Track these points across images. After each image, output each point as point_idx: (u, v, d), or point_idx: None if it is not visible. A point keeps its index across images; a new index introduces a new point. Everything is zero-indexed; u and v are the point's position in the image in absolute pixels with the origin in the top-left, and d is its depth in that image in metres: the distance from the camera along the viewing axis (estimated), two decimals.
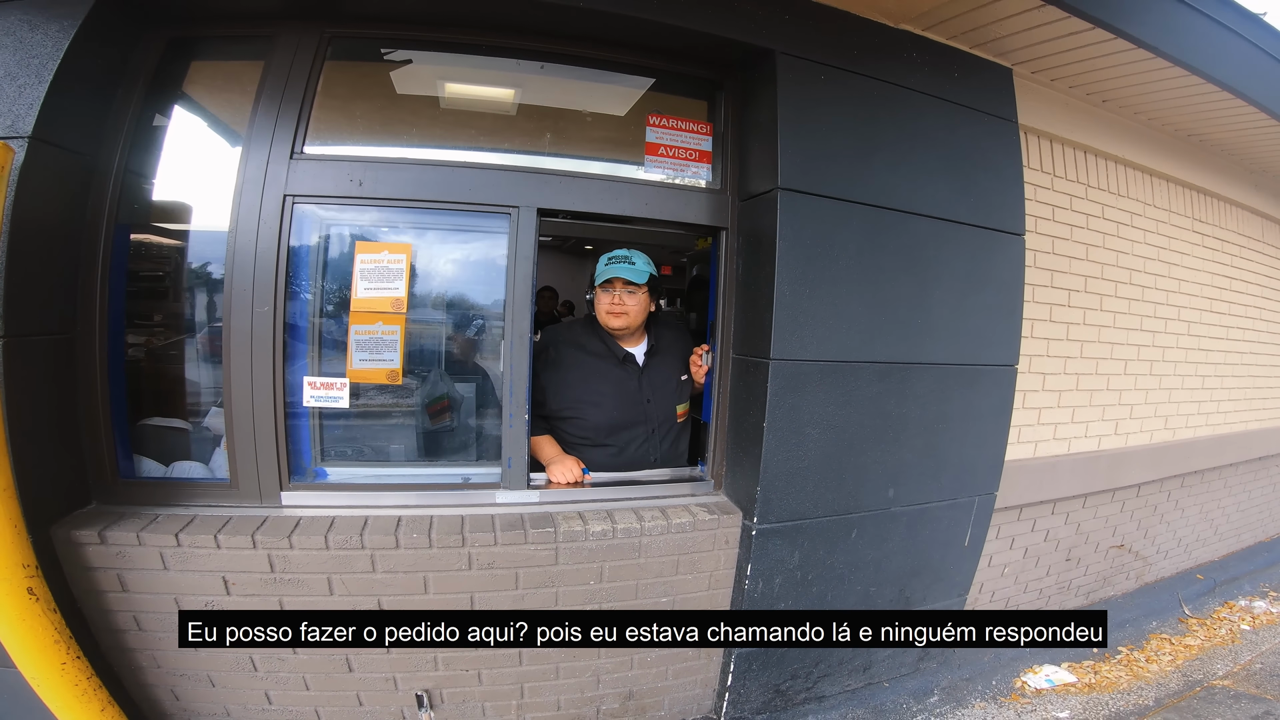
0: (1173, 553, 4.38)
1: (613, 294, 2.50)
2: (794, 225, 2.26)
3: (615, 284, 2.50)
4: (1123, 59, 2.66)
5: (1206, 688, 3.12)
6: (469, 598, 2.18)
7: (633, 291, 2.50)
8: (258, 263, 2.08)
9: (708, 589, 2.45)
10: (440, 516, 2.19)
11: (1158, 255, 3.67)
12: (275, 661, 2.12)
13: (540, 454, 2.51)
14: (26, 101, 1.76)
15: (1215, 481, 4.53)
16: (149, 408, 2.22)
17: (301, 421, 2.22)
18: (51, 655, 1.74)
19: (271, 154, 2.09)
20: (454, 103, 2.40)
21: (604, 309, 2.52)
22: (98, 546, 1.92)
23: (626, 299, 2.50)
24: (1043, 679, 3.13)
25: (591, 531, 2.23)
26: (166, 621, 2.02)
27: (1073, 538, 3.63)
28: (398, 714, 2.28)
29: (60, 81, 1.79)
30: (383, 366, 2.22)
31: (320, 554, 2.03)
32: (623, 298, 2.49)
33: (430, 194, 2.20)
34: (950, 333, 2.61)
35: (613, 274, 2.47)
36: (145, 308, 2.22)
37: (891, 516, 2.62)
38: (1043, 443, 3.30)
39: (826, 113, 2.32)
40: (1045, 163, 3.12)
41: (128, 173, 2.07)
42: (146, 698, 2.12)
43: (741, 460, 2.46)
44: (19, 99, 1.76)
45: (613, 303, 2.49)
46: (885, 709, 2.79)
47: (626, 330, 2.55)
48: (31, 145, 1.74)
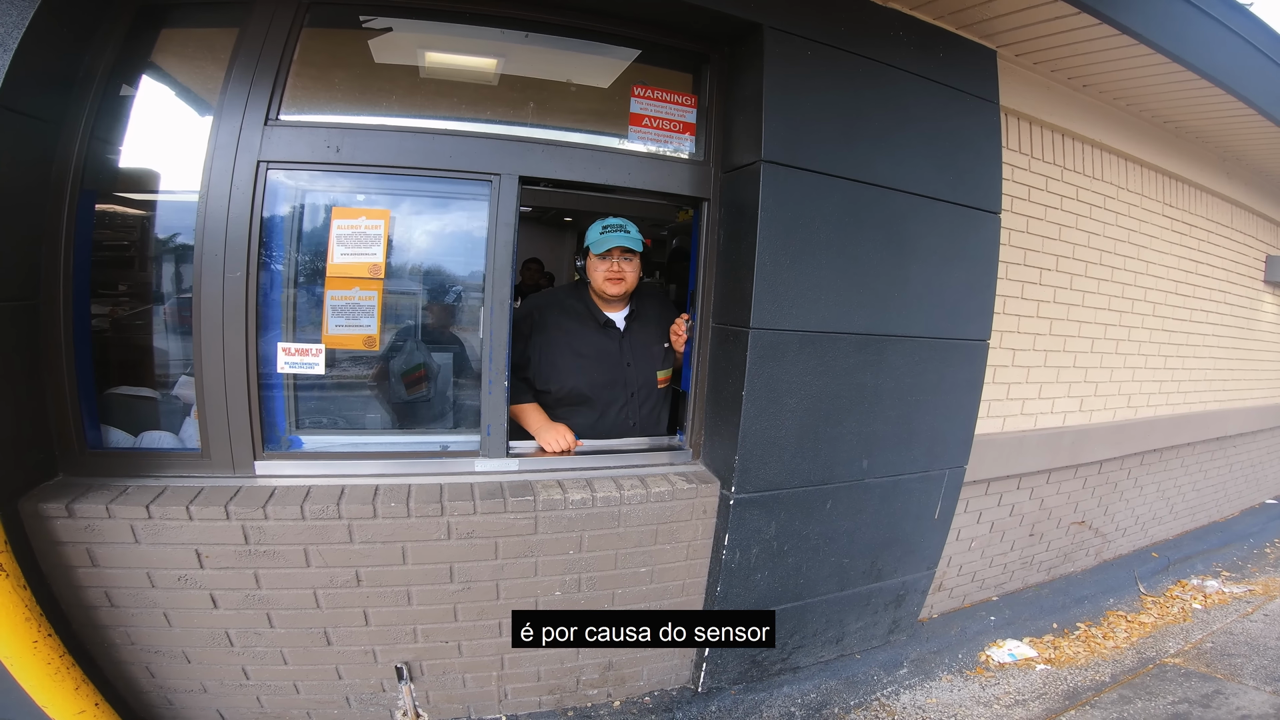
0: (1130, 530, 4.54)
1: (611, 261, 2.52)
2: (776, 197, 2.26)
3: (614, 252, 2.52)
4: (1107, 44, 2.70)
5: (1159, 665, 3.22)
6: (448, 568, 2.17)
7: (630, 259, 2.55)
8: (229, 228, 2.02)
9: (685, 559, 2.48)
10: (418, 485, 2.17)
11: (1128, 238, 3.76)
12: (251, 636, 2.10)
13: (527, 423, 2.52)
14: None
15: (1173, 461, 4.68)
16: (116, 377, 2.16)
17: (276, 390, 2.18)
18: (23, 633, 1.70)
19: (245, 120, 2.03)
20: (435, 72, 2.35)
21: (602, 276, 2.54)
22: (66, 520, 1.86)
23: (625, 266, 2.53)
24: (1005, 653, 3.23)
25: (571, 500, 2.23)
26: (139, 597, 1.98)
27: (1036, 513, 3.74)
28: (377, 686, 2.27)
29: (25, 49, 1.72)
30: (359, 332, 2.19)
31: (296, 524, 2.00)
32: (621, 265, 2.53)
33: (410, 161, 2.15)
34: (926, 306, 2.65)
35: (613, 243, 2.48)
36: (113, 276, 2.16)
37: (865, 488, 2.66)
38: (1011, 418, 3.37)
39: (812, 88, 2.31)
40: (1024, 144, 3.16)
41: (94, 139, 1.99)
42: (121, 675, 2.08)
43: (720, 429, 2.48)
44: None
45: (611, 269, 2.52)
46: (857, 680, 2.86)
47: (623, 297, 2.59)
48: None
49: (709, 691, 2.65)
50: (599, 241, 2.49)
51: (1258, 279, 5.12)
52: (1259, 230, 5.02)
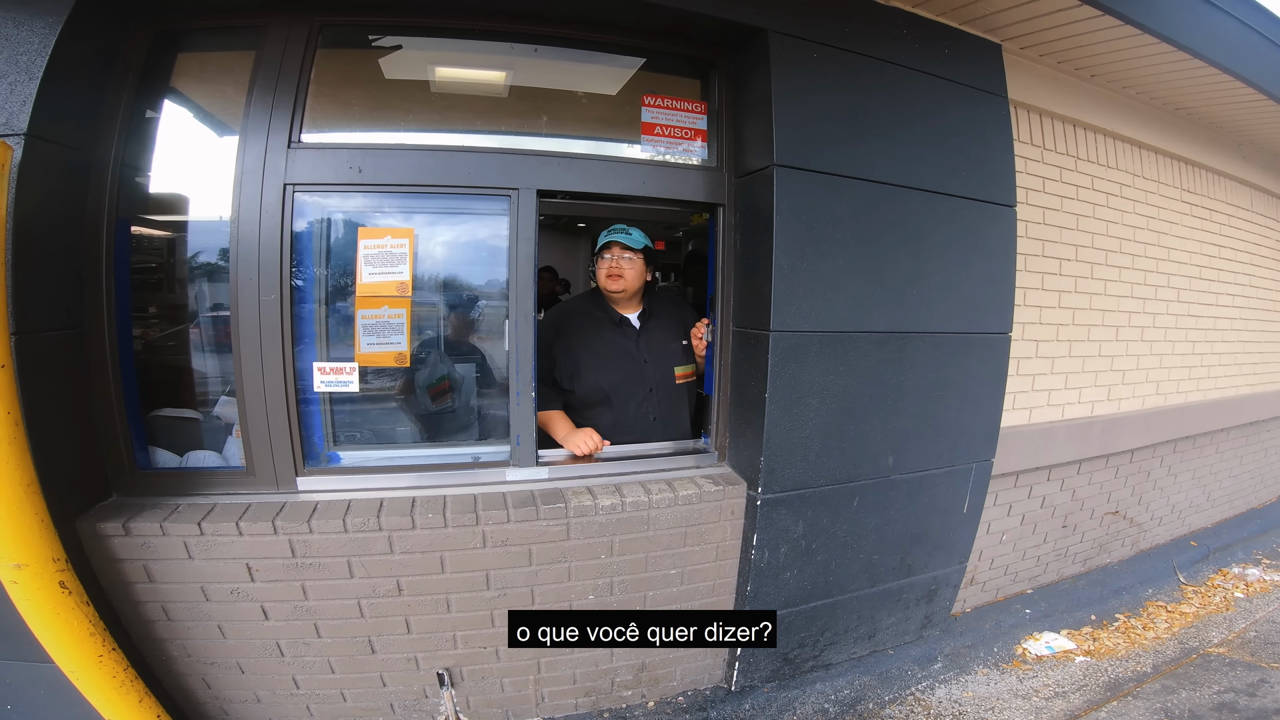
0: (1167, 519, 4.46)
1: (611, 259, 2.65)
2: (790, 200, 2.30)
3: (613, 248, 2.65)
4: (1110, 35, 2.71)
5: (1203, 655, 3.18)
6: (484, 575, 2.23)
7: (629, 258, 2.65)
8: (262, 252, 2.09)
9: (715, 560, 2.51)
10: (453, 496, 2.23)
11: (1147, 225, 3.72)
12: (301, 646, 2.17)
13: (554, 430, 2.59)
14: (19, 99, 1.75)
15: (1207, 447, 4.59)
16: (160, 399, 2.24)
17: (313, 407, 2.25)
18: (88, 648, 1.77)
19: (269, 144, 2.09)
20: (446, 87, 2.41)
21: (603, 273, 2.68)
22: (123, 538, 1.95)
23: (623, 264, 2.64)
24: (1043, 646, 3.20)
25: (601, 506, 2.27)
26: (194, 610, 2.06)
27: (1069, 504, 3.70)
28: (420, 693, 2.33)
29: (51, 77, 1.78)
30: (390, 350, 2.25)
31: (339, 537, 2.07)
32: (619, 263, 2.64)
33: (431, 179, 2.22)
34: (945, 302, 2.66)
35: (610, 239, 2.65)
36: (150, 300, 2.24)
37: (892, 484, 2.67)
38: (1037, 409, 3.35)
39: (820, 90, 2.35)
40: (1035, 136, 3.16)
41: (124, 166, 2.06)
42: (179, 687, 2.16)
43: (744, 431, 2.51)
44: (11, 96, 1.75)
45: (610, 267, 2.65)
46: (891, 675, 2.86)
47: (623, 294, 2.69)
48: (28, 142, 1.73)
49: (742, 690, 2.67)
50: (600, 241, 2.70)
51: None
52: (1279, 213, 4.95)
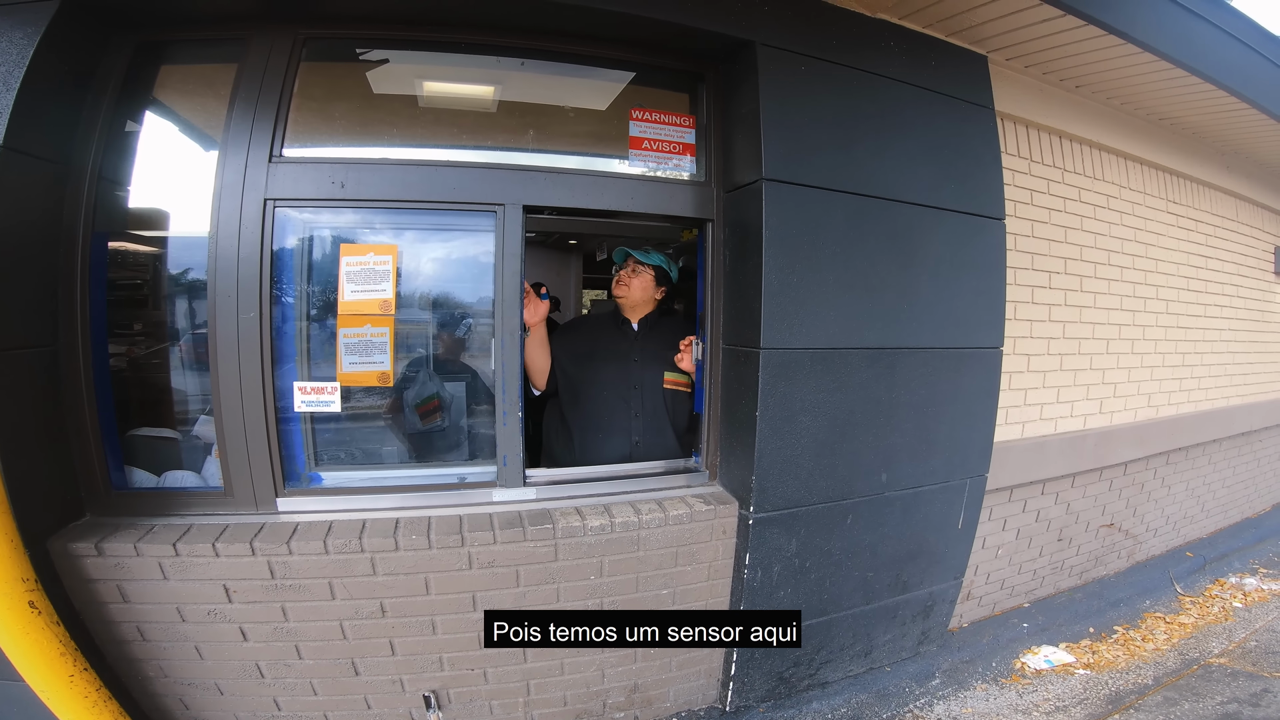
0: (1162, 531, 4.44)
1: (621, 270, 2.82)
2: (780, 215, 2.28)
3: (628, 261, 2.82)
4: (1094, 45, 2.72)
5: (1204, 666, 3.15)
6: (471, 597, 2.18)
7: (637, 271, 2.78)
8: (241, 269, 2.05)
9: (707, 579, 2.46)
10: (438, 517, 2.19)
11: (1134, 236, 3.74)
12: (281, 667, 2.12)
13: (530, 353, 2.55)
14: None
15: (1200, 458, 4.59)
16: (137, 418, 2.20)
17: (294, 427, 2.21)
18: (59, 668, 1.73)
19: (250, 158, 2.06)
20: (433, 101, 2.40)
21: (613, 282, 2.86)
22: (95, 559, 1.90)
23: (628, 275, 2.79)
24: (1042, 659, 3.16)
25: (590, 526, 2.23)
26: (170, 631, 2.01)
27: (1063, 518, 3.68)
28: (406, 715, 2.27)
29: (28, 89, 1.74)
30: (373, 369, 2.22)
31: (320, 559, 2.02)
32: (627, 274, 2.78)
33: (414, 194, 2.19)
34: (936, 317, 2.65)
35: (621, 254, 2.85)
36: (127, 316, 2.19)
37: (885, 501, 2.64)
38: (1030, 423, 3.34)
39: (808, 103, 2.35)
40: (1022, 148, 3.17)
41: (102, 179, 2.03)
42: (157, 708, 2.11)
43: (735, 450, 2.48)
44: None
45: (620, 276, 2.82)
46: (888, 693, 2.81)
47: (626, 301, 2.83)
48: (3, 155, 1.70)
49: (737, 710, 2.62)
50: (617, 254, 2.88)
51: (1268, 271, 5.05)
52: (1265, 222, 4.97)
